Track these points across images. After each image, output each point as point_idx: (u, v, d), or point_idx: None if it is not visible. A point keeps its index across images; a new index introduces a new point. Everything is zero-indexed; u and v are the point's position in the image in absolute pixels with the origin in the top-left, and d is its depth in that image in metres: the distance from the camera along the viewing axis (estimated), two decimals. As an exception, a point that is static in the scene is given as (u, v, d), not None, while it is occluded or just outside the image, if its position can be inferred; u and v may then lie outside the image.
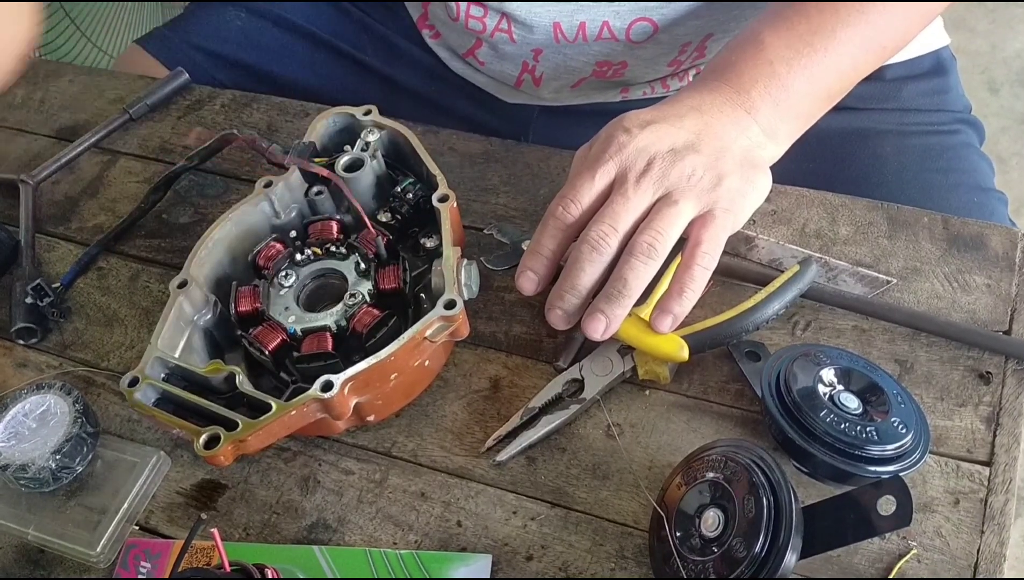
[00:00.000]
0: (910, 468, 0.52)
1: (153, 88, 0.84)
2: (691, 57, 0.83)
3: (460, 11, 0.82)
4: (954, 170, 0.82)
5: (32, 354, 0.69)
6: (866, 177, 0.80)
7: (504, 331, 0.65)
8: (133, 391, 0.57)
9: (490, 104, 0.91)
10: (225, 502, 0.60)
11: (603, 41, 0.79)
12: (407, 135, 0.68)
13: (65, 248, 0.76)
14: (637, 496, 0.57)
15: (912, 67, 0.85)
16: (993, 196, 0.83)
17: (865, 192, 0.77)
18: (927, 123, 0.84)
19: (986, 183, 0.83)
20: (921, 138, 0.83)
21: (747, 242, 0.66)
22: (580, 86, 0.86)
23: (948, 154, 0.83)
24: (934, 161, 0.81)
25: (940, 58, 0.87)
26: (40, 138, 0.85)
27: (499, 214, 0.72)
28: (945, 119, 0.85)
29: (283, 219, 0.67)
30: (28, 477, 0.58)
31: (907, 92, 0.85)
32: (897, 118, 0.84)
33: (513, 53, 0.83)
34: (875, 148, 0.82)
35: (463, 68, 0.90)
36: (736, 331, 0.59)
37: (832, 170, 0.80)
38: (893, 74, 0.84)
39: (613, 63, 0.82)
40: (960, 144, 0.84)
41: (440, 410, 0.62)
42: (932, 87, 0.86)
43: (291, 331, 0.60)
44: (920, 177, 0.80)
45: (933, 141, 0.83)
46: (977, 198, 0.81)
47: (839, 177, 0.79)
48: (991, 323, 0.61)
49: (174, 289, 0.61)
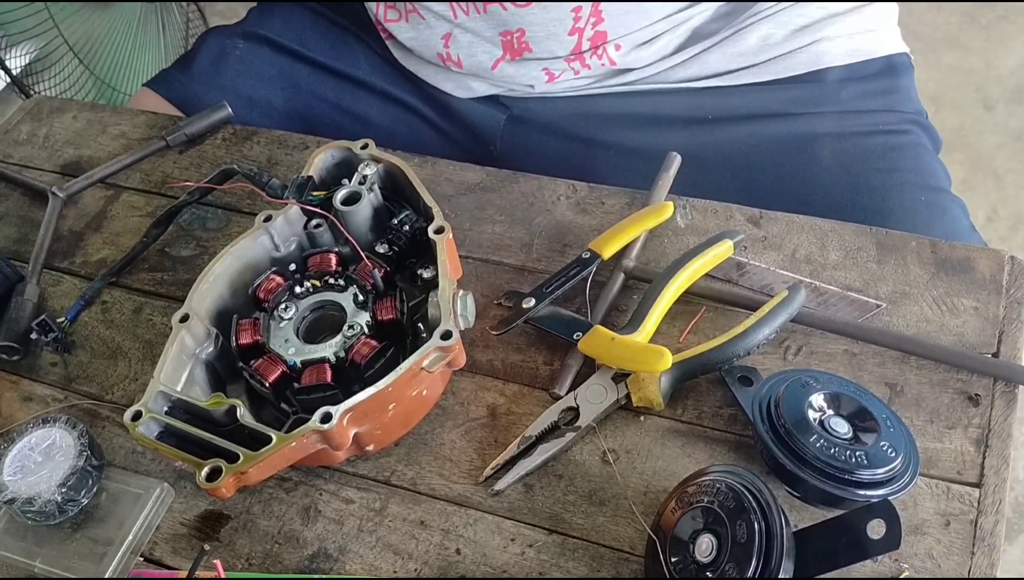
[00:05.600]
0: (900, 491, 0.53)
1: (193, 119, 0.86)
2: (589, 23, 0.82)
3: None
4: (898, 169, 0.80)
5: (38, 387, 0.71)
6: (802, 182, 0.79)
7: (501, 359, 0.67)
8: (136, 425, 0.58)
9: (454, 113, 0.94)
10: (228, 532, 0.61)
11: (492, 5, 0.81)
12: (403, 168, 0.69)
13: (70, 282, 0.77)
14: (633, 522, 0.58)
15: (856, 70, 0.84)
16: (946, 197, 0.81)
17: (801, 197, 0.76)
18: (870, 124, 0.82)
19: (937, 184, 0.81)
20: (863, 139, 0.81)
21: (738, 268, 0.68)
22: (499, 65, 0.88)
23: (893, 154, 0.81)
24: (876, 161, 0.80)
25: (892, 63, 0.86)
26: (45, 174, 0.86)
27: (495, 243, 0.73)
28: (892, 119, 0.83)
29: (283, 252, 0.68)
30: (34, 510, 0.59)
31: (847, 93, 0.84)
32: (835, 121, 0.82)
33: (429, 36, 0.89)
34: (812, 152, 0.81)
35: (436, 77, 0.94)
36: (727, 356, 0.60)
37: (766, 179, 0.80)
38: (834, 77, 0.84)
39: (512, 30, 0.84)
40: (908, 144, 0.83)
41: (439, 438, 0.63)
42: (877, 88, 0.85)
43: (291, 363, 0.61)
44: (861, 178, 0.79)
45: (877, 141, 0.82)
46: (925, 197, 0.79)
47: (773, 186, 0.79)
48: (979, 345, 0.62)
49: (176, 323, 0.62)
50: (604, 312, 0.67)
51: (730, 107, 0.85)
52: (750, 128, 0.83)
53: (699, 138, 0.84)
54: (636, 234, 0.70)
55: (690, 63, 0.86)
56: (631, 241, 0.70)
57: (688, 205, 0.74)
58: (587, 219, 0.74)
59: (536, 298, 0.67)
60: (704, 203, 0.74)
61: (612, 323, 0.66)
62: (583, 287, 0.68)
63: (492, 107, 0.93)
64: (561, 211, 0.75)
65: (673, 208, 0.71)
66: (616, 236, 0.69)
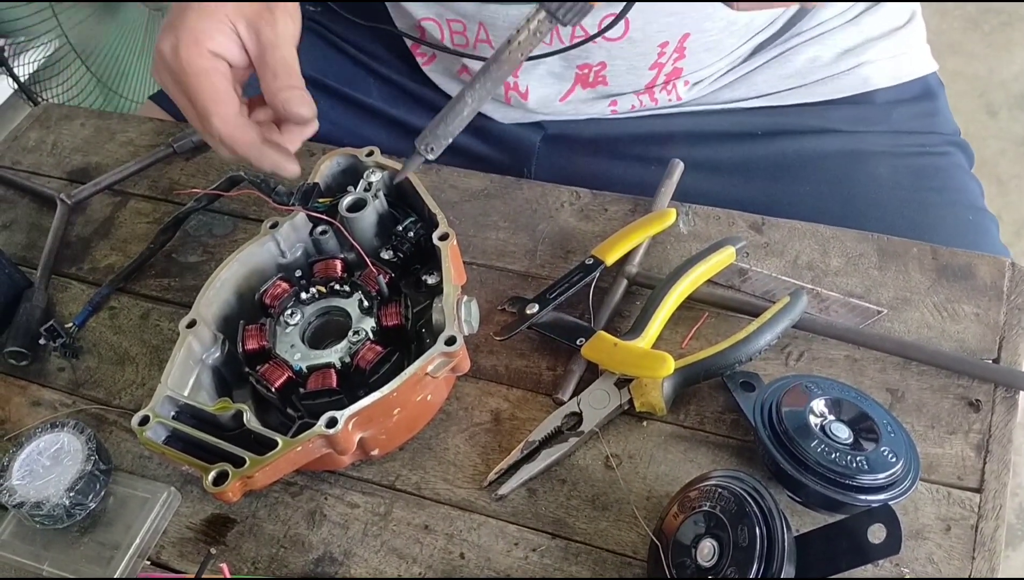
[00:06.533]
0: (900, 496, 0.53)
1: None
2: (671, 59, 0.83)
3: (444, 32, 0.84)
4: (947, 189, 0.83)
5: (46, 392, 0.71)
6: (863, 197, 0.81)
7: (505, 365, 0.67)
8: (144, 429, 0.58)
9: (491, 135, 0.92)
10: (234, 536, 0.62)
11: (578, 40, 0.79)
12: (408, 175, 0.70)
13: (78, 288, 0.78)
14: (636, 526, 0.58)
15: (901, 92, 0.87)
16: (986, 216, 0.84)
17: (863, 211, 0.78)
18: (919, 144, 0.85)
19: (978, 203, 0.85)
20: (914, 159, 0.84)
21: (740, 274, 0.68)
22: (568, 99, 0.88)
23: (941, 175, 0.84)
24: (928, 181, 0.83)
25: (928, 83, 0.89)
26: (53, 181, 0.87)
27: (499, 250, 0.74)
28: (936, 141, 0.86)
29: (288, 258, 0.69)
30: (43, 514, 0.60)
31: (897, 115, 0.86)
32: (890, 140, 0.85)
33: None
34: (870, 169, 0.83)
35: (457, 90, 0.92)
36: (729, 362, 0.61)
37: (830, 191, 0.82)
38: (883, 98, 0.86)
39: (592, 64, 0.83)
40: (951, 165, 0.86)
41: (443, 443, 0.64)
42: (922, 110, 0.87)
43: (297, 368, 0.62)
44: (916, 196, 0.81)
45: (926, 162, 0.84)
46: (972, 217, 0.82)
47: (836, 197, 0.81)
48: (980, 351, 0.62)
49: (183, 328, 0.62)
50: (607, 318, 0.68)
51: (780, 124, 0.86)
52: (801, 142, 0.85)
53: (748, 151, 0.85)
54: (639, 240, 0.71)
55: (737, 84, 0.87)
56: (634, 247, 0.70)
57: (690, 211, 0.74)
58: (590, 225, 0.75)
59: (540, 304, 0.67)
60: (706, 209, 0.74)
61: (615, 329, 0.67)
62: (586, 293, 0.68)
63: (528, 128, 0.91)
64: (564, 217, 0.76)
65: (676, 214, 0.72)
66: (619, 242, 0.70)
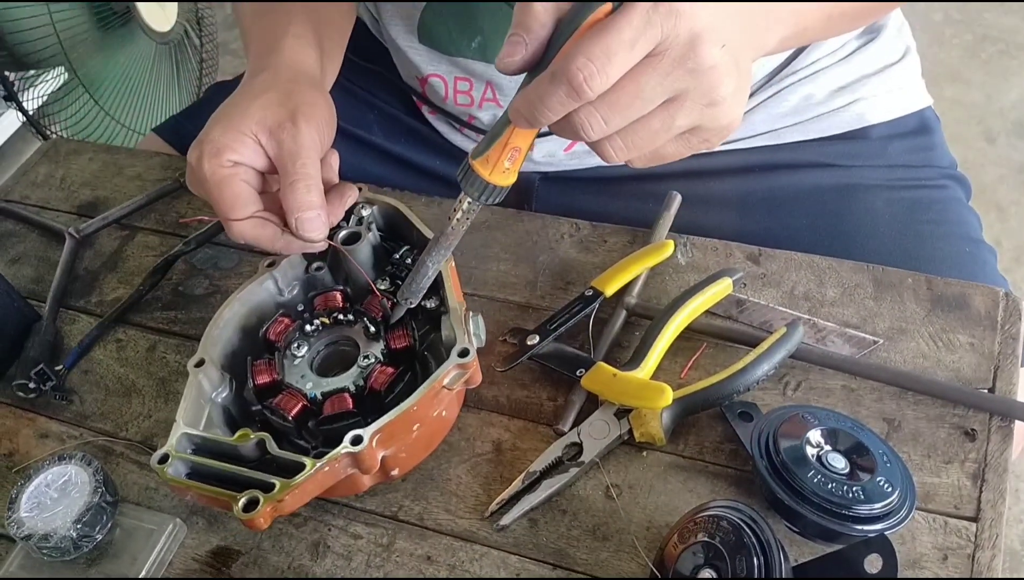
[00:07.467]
0: (897, 526, 0.54)
1: None
2: None
3: (448, 89, 0.86)
4: (944, 221, 0.84)
5: (54, 424, 0.72)
6: (860, 229, 0.83)
7: (506, 395, 0.68)
8: (165, 467, 0.58)
9: None
10: (239, 568, 0.62)
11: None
12: (399, 206, 0.71)
13: (86, 321, 0.79)
14: (636, 556, 0.59)
15: (897, 126, 0.89)
16: (983, 248, 0.85)
17: (860, 243, 0.79)
18: (915, 178, 0.87)
19: (975, 234, 0.86)
20: (910, 192, 0.85)
21: (738, 305, 0.69)
22: (572, 149, 0.89)
23: (937, 207, 0.85)
24: (924, 213, 0.84)
25: (924, 117, 0.90)
26: (62, 215, 0.89)
27: (500, 281, 0.75)
28: (932, 174, 0.88)
29: (287, 297, 0.70)
30: (50, 546, 0.60)
31: (893, 149, 0.88)
32: (885, 174, 0.86)
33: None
34: (867, 203, 0.84)
35: (462, 140, 0.94)
36: (727, 392, 0.62)
37: (827, 224, 0.83)
38: (878, 133, 0.88)
39: None
40: (948, 198, 0.87)
41: (445, 474, 0.64)
42: (917, 144, 0.89)
43: (311, 396, 0.63)
44: (912, 228, 0.83)
45: (922, 194, 0.86)
46: (969, 248, 0.83)
47: (834, 231, 0.82)
48: (975, 381, 0.63)
49: (192, 368, 0.63)
50: (606, 349, 0.69)
51: (776, 160, 0.87)
52: (798, 177, 0.86)
53: (747, 185, 0.87)
54: (638, 272, 0.72)
55: None
56: (633, 279, 0.72)
57: (688, 243, 0.75)
58: (590, 257, 0.76)
59: (540, 335, 0.68)
60: (704, 241, 0.75)
61: (614, 359, 0.67)
62: (586, 324, 0.69)
63: (526, 166, 0.91)
64: (564, 249, 0.77)
65: (674, 246, 0.73)
66: (618, 274, 0.71)
